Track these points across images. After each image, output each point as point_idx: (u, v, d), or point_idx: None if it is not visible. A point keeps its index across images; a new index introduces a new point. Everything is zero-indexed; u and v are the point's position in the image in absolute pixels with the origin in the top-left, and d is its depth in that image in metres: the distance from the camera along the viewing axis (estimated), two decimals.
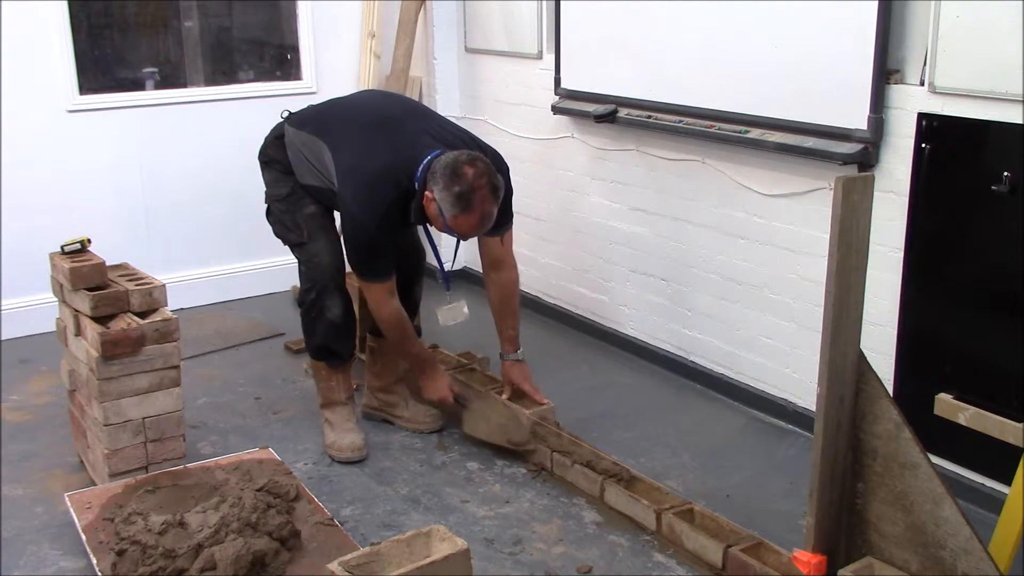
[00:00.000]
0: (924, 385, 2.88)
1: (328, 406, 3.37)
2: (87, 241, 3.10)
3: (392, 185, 3.01)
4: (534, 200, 4.63)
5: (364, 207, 3.00)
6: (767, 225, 3.49)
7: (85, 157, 4.47)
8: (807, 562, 2.31)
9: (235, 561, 2.42)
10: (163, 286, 3.01)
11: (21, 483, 3.17)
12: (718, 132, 3.50)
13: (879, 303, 3.08)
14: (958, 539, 2.12)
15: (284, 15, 4.97)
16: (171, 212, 4.67)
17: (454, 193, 2.90)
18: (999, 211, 2.74)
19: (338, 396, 3.37)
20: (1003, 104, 2.69)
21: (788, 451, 3.38)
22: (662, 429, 3.53)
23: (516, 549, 2.79)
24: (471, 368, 3.64)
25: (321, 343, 3.29)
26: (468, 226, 2.99)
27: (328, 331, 3.26)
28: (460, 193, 2.90)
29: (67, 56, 4.34)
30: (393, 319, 3.18)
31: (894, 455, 2.22)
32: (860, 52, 2.99)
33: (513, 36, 4.57)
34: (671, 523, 2.74)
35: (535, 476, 3.18)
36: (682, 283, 3.90)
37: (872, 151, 3.04)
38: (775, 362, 3.56)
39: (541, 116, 4.45)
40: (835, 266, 2.13)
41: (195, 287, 4.74)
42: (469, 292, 5.10)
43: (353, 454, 3.27)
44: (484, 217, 2.97)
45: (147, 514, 2.63)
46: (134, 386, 2.90)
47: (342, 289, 3.27)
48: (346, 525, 2.86)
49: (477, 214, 2.94)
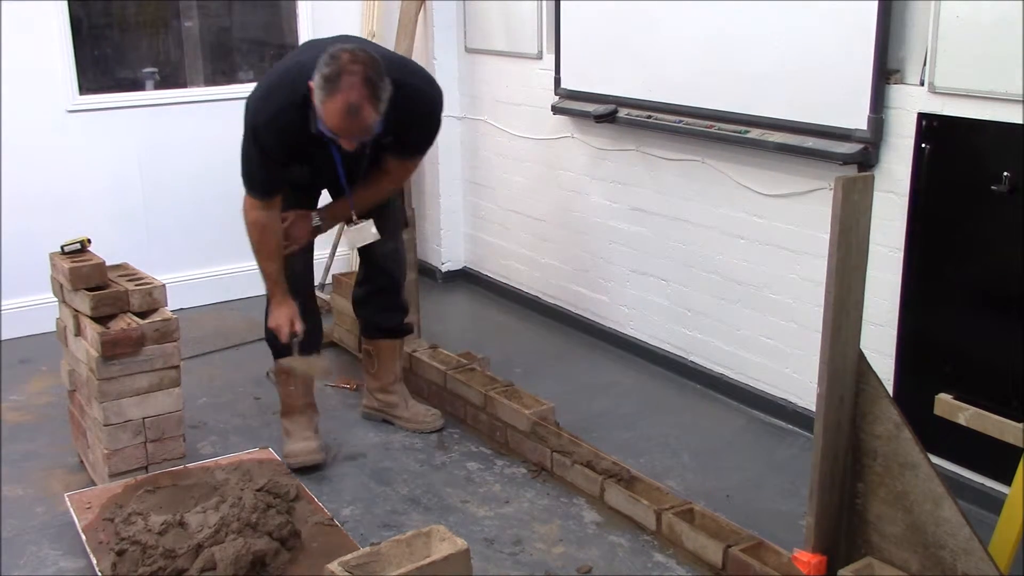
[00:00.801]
0: (924, 385, 2.88)
1: (286, 414, 3.30)
2: (87, 241, 3.10)
3: (288, 89, 2.85)
4: (534, 200, 4.63)
5: (257, 109, 2.89)
6: (767, 225, 3.49)
7: (85, 157, 4.47)
8: (807, 562, 2.31)
9: (235, 561, 2.42)
10: (163, 286, 3.01)
11: (21, 483, 3.17)
12: (718, 132, 3.50)
13: (879, 303, 3.08)
14: (958, 539, 2.12)
15: (284, 15, 4.97)
16: (171, 212, 4.67)
17: (323, 75, 2.71)
18: (999, 211, 2.74)
19: (296, 402, 3.29)
20: (1003, 104, 2.69)
21: (788, 451, 3.38)
22: (662, 429, 3.53)
23: (516, 549, 2.79)
24: (471, 368, 3.64)
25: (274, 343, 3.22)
26: (333, 114, 2.72)
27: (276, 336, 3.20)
28: (328, 75, 2.70)
29: (67, 56, 4.34)
30: (255, 226, 3.03)
31: (894, 455, 2.22)
32: (860, 52, 3.00)
33: (513, 36, 4.57)
34: (671, 523, 2.74)
35: (535, 476, 3.18)
36: (682, 283, 3.90)
37: (872, 151, 3.04)
38: (775, 362, 3.56)
39: (541, 116, 4.45)
40: (835, 266, 2.13)
41: (195, 287, 4.74)
42: (469, 292, 5.12)
43: (307, 458, 3.18)
44: (350, 108, 2.70)
45: (147, 514, 2.63)
46: (134, 386, 2.90)
47: (297, 290, 3.19)
48: (346, 525, 2.86)
49: (341, 99, 2.69)
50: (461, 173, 5.12)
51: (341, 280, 4.18)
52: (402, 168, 3.21)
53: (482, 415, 3.44)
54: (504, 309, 4.85)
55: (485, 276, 5.10)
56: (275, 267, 3.11)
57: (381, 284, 3.41)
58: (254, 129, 2.91)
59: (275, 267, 3.11)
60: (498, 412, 3.36)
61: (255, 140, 2.91)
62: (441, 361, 3.71)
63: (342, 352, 4.21)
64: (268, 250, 3.08)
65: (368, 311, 3.47)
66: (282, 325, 3.13)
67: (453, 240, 5.22)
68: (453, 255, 5.24)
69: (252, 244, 3.09)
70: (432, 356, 3.75)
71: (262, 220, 3.03)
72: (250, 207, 3.03)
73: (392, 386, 3.52)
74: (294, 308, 3.15)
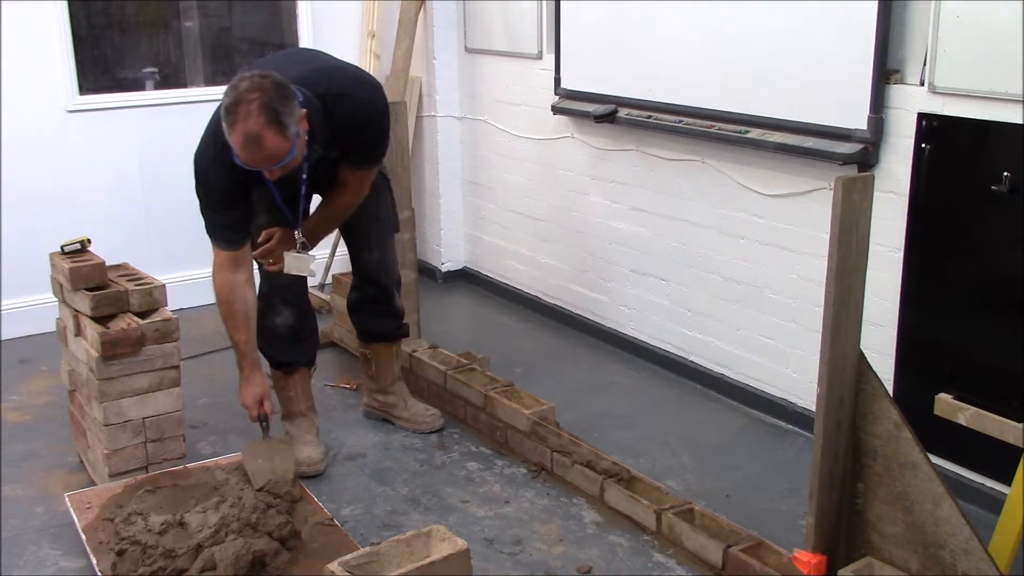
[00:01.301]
0: (924, 385, 2.88)
1: (288, 417, 3.30)
2: (87, 241, 3.10)
3: (212, 131, 2.80)
4: (534, 200, 4.63)
5: (196, 157, 2.87)
6: (767, 225, 3.49)
7: (85, 157, 4.47)
8: (807, 562, 2.31)
9: (235, 561, 2.42)
10: (163, 286, 3.01)
11: (21, 483, 3.17)
12: (718, 132, 3.50)
13: (879, 303, 3.08)
14: (958, 539, 2.13)
15: (284, 15, 4.96)
16: (171, 212, 4.67)
17: (224, 107, 2.63)
18: (999, 211, 2.74)
19: (296, 407, 3.29)
20: (1003, 104, 2.69)
21: (788, 451, 3.38)
22: (662, 429, 3.53)
23: (516, 549, 2.79)
24: (471, 368, 3.64)
25: (265, 351, 3.18)
26: (237, 145, 2.62)
27: (269, 338, 3.16)
28: (227, 106, 2.61)
29: (67, 56, 4.34)
30: (221, 292, 2.93)
31: (894, 455, 2.22)
32: (860, 52, 3.00)
33: (513, 36, 4.57)
34: (671, 523, 2.74)
35: (535, 476, 3.18)
36: (682, 283, 3.90)
37: (872, 151, 3.04)
38: (775, 362, 3.56)
39: (541, 116, 4.45)
40: (835, 266, 2.13)
41: (195, 287, 4.74)
42: (469, 292, 5.12)
43: (308, 469, 3.14)
44: (248, 137, 2.59)
45: (147, 514, 2.63)
46: (134, 386, 2.90)
47: (289, 302, 3.17)
48: (346, 525, 2.85)
49: (240, 129, 2.59)
50: (461, 173, 5.12)
51: (341, 280, 4.18)
52: (357, 180, 3.07)
53: (482, 415, 3.44)
54: (504, 309, 4.85)
55: (485, 276, 5.10)
56: (243, 338, 2.97)
57: (371, 294, 3.37)
58: (196, 176, 2.89)
59: (243, 338, 2.97)
60: (498, 412, 3.36)
61: (200, 188, 2.89)
62: (441, 361, 3.71)
63: (342, 352, 4.21)
64: (235, 320, 2.95)
65: (361, 317, 3.45)
66: (250, 407, 3.01)
67: (453, 240, 5.22)
68: (453, 255, 5.24)
69: (221, 313, 2.99)
70: (432, 356, 3.75)
71: (228, 285, 2.92)
72: (218, 268, 2.95)
73: (390, 387, 3.52)
74: (265, 387, 3.02)
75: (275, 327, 3.18)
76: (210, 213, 2.91)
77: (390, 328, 3.45)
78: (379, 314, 3.41)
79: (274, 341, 3.20)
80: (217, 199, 2.89)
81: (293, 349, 3.25)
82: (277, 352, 3.24)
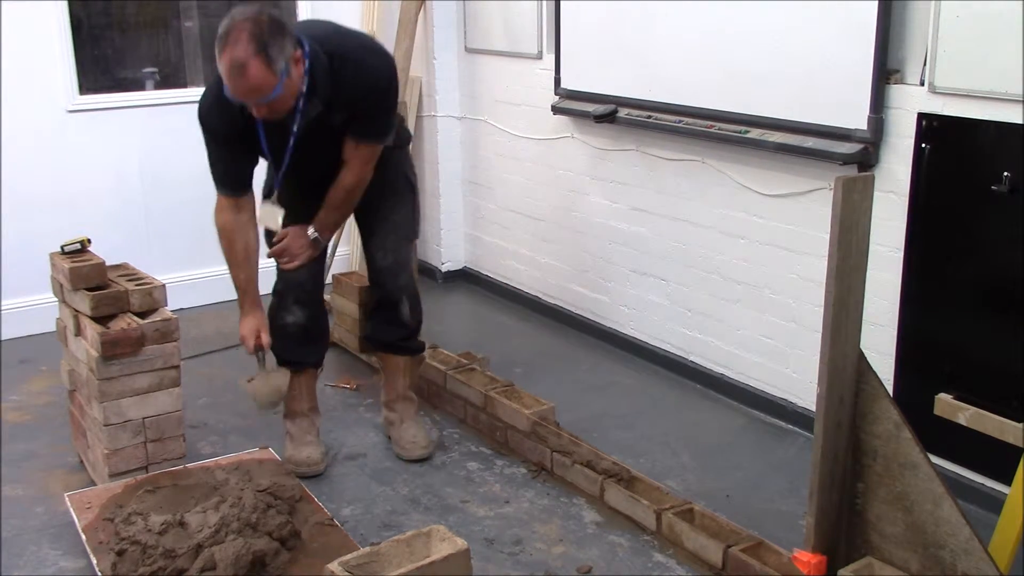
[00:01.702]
0: (924, 385, 2.88)
1: (289, 416, 3.28)
2: (87, 241, 3.09)
3: None
4: (534, 200, 4.63)
5: (205, 91, 2.90)
6: (767, 225, 3.49)
7: (85, 157, 4.47)
8: (807, 562, 2.31)
9: (235, 561, 2.42)
10: (163, 286, 3.01)
11: (21, 483, 3.17)
12: (718, 132, 3.50)
13: (879, 303, 3.08)
14: (958, 539, 2.12)
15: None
16: (171, 212, 4.67)
17: (218, 36, 2.64)
18: (999, 211, 2.74)
19: (299, 406, 3.26)
20: (1003, 104, 2.69)
21: (788, 451, 3.38)
22: (662, 429, 3.53)
23: (516, 549, 2.79)
24: (471, 368, 3.64)
25: (274, 349, 3.18)
26: (224, 74, 2.63)
27: (279, 336, 3.15)
28: (220, 34, 2.62)
29: (67, 56, 4.34)
30: (223, 231, 2.99)
31: (894, 455, 2.22)
32: (860, 52, 3.00)
33: (513, 36, 4.57)
34: (671, 523, 2.74)
35: (535, 476, 3.18)
36: (682, 283, 3.90)
37: (872, 151, 3.04)
38: (775, 362, 3.56)
39: (541, 116, 4.45)
40: (835, 266, 2.13)
41: (195, 287, 4.74)
42: (469, 292, 5.12)
43: (308, 469, 3.15)
44: (234, 64, 2.59)
45: (147, 514, 2.63)
46: (134, 386, 2.90)
47: (302, 302, 3.15)
48: (346, 525, 2.86)
49: (227, 56, 2.59)
50: (461, 173, 5.12)
51: (341, 280, 4.18)
52: (359, 158, 3.00)
53: (482, 415, 3.44)
54: (504, 309, 4.85)
55: (485, 276, 5.10)
56: (243, 276, 3.04)
57: (379, 297, 3.33)
58: (199, 118, 2.91)
59: (243, 276, 3.04)
60: (498, 412, 3.36)
61: (204, 130, 2.92)
62: (441, 361, 3.71)
63: (342, 352, 4.21)
64: (236, 258, 3.01)
65: (372, 321, 3.42)
66: (246, 337, 3.06)
67: (453, 240, 5.22)
68: (453, 255, 5.24)
69: (222, 250, 3.04)
70: (432, 356, 3.75)
71: (230, 225, 2.98)
72: (219, 209, 3.00)
73: (395, 403, 3.41)
74: (261, 320, 3.08)
75: (286, 325, 3.16)
76: (214, 159, 2.94)
77: (394, 337, 3.35)
78: (386, 320, 3.34)
79: (284, 339, 3.18)
80: (220, 142, 2.91)
81: (302, 349, 3.23)
82: (286, 350, 3.21)
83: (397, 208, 3.26)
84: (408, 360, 3.42)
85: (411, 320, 3.34)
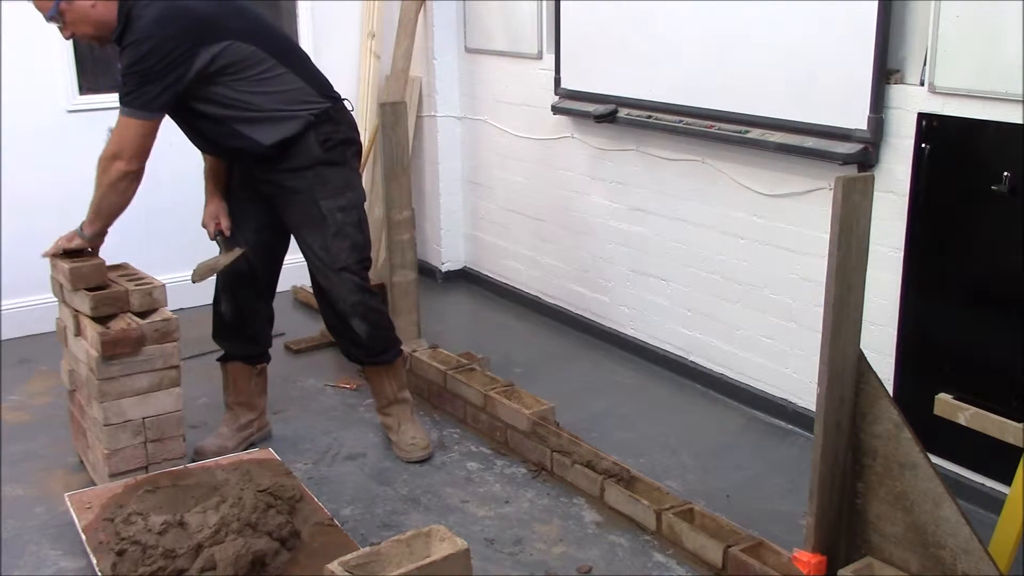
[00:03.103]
0: (924, 385, 2.88)
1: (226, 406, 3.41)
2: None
3: None
4: (534, 200, 4.63)
5: None
6: (767, 225, 3.49)
7: (85, 157, 4.43)
8: (807, 562, 2.31)
9: (235, 561, 2.42)
10: (163, 286, 3.01)
11: (21, 483, 3.17)
12: (718, 132, 3.50)
13: (879, 303, 3.08)
14: (958, 539, 2.13)
15: (284, 15, 4.96)
16: (171, 212, 4.66)
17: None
18: (999, 211, 2.74)
19: (225, 398, 3.39)
20: (1003, 104, 2.69)
21: (788, 451, 3.38)
22: (662, 429, 3.53)
23: (516, 549, 2.79)
24: (471, 368, 3.64)
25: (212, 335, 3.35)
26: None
27: (215, 323, 3.32)
28: None
29: (67, 56, 4.34)
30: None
31: (894, 455, 2.22)
32: (860, 52, 3.00)
33: (513, 36, 4.57)
34: (671, 523, 2.74)
35: (535, 476, 3.18)
36: (682, 283, 3.90)
37: (872, 151, 3.04)
38: (775, 362, 3.56)
39: (541, 116, 4.45)
40: (835, 266, 2.13)
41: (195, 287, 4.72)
42: (469, 292, 5.12)
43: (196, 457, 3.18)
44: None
45: (147, 514, 2.63)
46: (134, 386, 2.90)
47: (234, 293, 3.24)
48: (346, 525, 2.85)
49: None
50: (461, 173, 5.12)
51: None
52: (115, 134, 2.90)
53: (482, 415, 3.44)
54: (504, 309, 4.85)
55: (485, 276, 5.10)
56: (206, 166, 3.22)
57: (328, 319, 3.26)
58: None
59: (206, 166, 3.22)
60: (498, 412, 3.36)
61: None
62: (441, 361, 3.71)
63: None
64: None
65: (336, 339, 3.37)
66: (206, 223, 3.20)
67: (453, 240, 5.22)
68: (453, 255, 5.24)
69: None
70: (432, 356, 3.75)
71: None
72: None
73: (387, 408, 3.38)
74: (220, 206, 3.21)
75: (219, 312, 3.30)
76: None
77: (357, 355, 3.30)
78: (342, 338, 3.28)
79: (217, 325, 3.32)
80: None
81: (227, 341, 3.33)
82: (216, 335, 3.33)
83: (314, 239, 3.09)
84: (387, 367, 3.33)
85: (369, 338, 3.20)
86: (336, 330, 3.26)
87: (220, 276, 3.24)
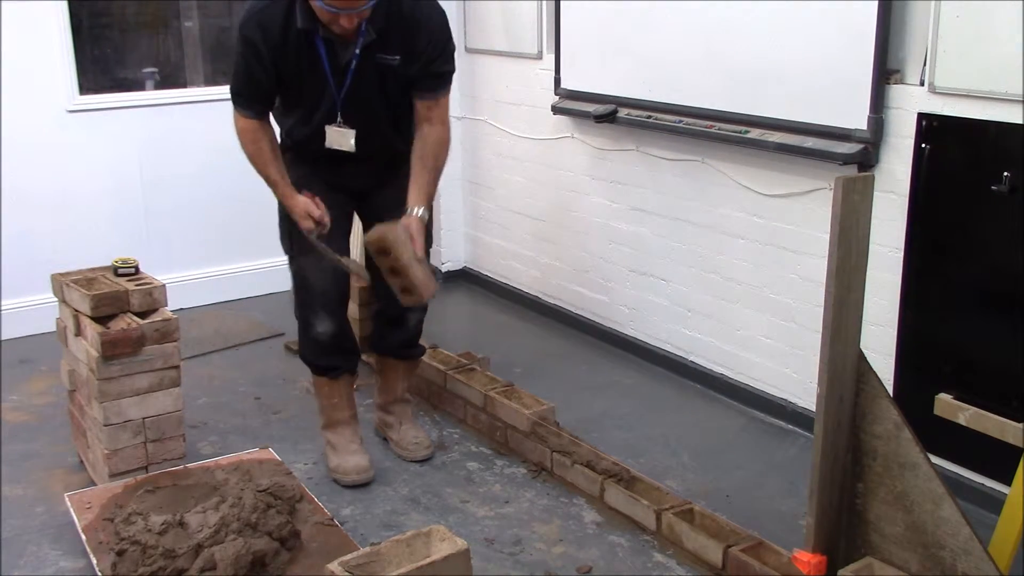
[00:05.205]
0: (924, 385, 2.88)
1: (330, 427, 3.24)
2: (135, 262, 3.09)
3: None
4: (534, 200, 4.63)
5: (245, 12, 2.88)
6: (767, 225, 3.49)
7: (85, 157, 4.47)
8: (807, 562, 2.31)
9: (235, 561, 2.42)
10: (163, 286, 3.01)
11: (21, 483, 3.17)
12: (718, 132, 3.50)
13: (879, 303, 3.08)
14: (958, 539, 2.12)
15: None
16: (171, 212, 4.67)
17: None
18: (999, 211, 2.74)
19: (340, 415, 3.23)
20: (1003, 104, 2.69)
21: (788, 451, 3.38)
22: (662, 429, 3.53)
23: (516, 549, 2.79)
24: (471, 368, 3.64)
25: (307, 358, 3.19)
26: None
27: (313, 347, 3.15)
28: None
29: (67, 56, 4.34)
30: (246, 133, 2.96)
31: (894, 455, 2.22)
32: (860, 52, 3.00)
33: (513, 36, 4.57)
34: (671, 523, 2.74)
35: (535, 476, 3.18)
36: (682, 283, 3.90)
37: (872, 151, 3.04)
38: (775, 362, 3.56)
39: (541, 116, 4.45)
40: (835, 266, 2.13)
41: (195, 287, 4.74)
42: (469, 292, 5.12)
43: (359, 477, 3.12)
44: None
45: (147, 514, 2.63)
46: (134, 386, 2.90)
47: (330, 310, 3.09)
48: (346, 525, 2.86)
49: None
50: (461, 173, 5.12)
51: None
52: (437, 107, 2.99)
53: (482, 415, 3.44)
54: (504, 309, 4.85)
55: (485, 276, 5.11)
56: (275, 168, 2.98)
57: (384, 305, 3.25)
58: (240, 31, 2.88)
59: (275, 168, 2.98)
60: (498, 412, 3.36)
61: (242, 44, 2.88)
62: (441, 361, 3.71)
63: None
64: (264, 156, 2.97)
65: (376, 325, 3.38)
66: (301, 219, 2.94)
67: (453, 240, 5.22)
68: (453, 255, 5.24)
69: (247, 154, 2.99)
70: (432, 356, 3.75)
71: (252, 126, 2.96)
72: (239, 120, 2.98)
73: (391, 406, 3.40)
74: (308, 200, 2.95)
75: (318, 335, 3.11)
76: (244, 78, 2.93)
77: (396, 343, 3.32)
78: (388, 324, 3.29)
79: (316, 348, 3.14)
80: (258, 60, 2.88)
81: (337, 356, 3.18)
82: (321, 358, 3.17)
83: None
84: (408, 364, 3.41)
85: (415, 331, 3.31)
86: (391, 320, 3.25)
87: (312, 298, 3.07)
